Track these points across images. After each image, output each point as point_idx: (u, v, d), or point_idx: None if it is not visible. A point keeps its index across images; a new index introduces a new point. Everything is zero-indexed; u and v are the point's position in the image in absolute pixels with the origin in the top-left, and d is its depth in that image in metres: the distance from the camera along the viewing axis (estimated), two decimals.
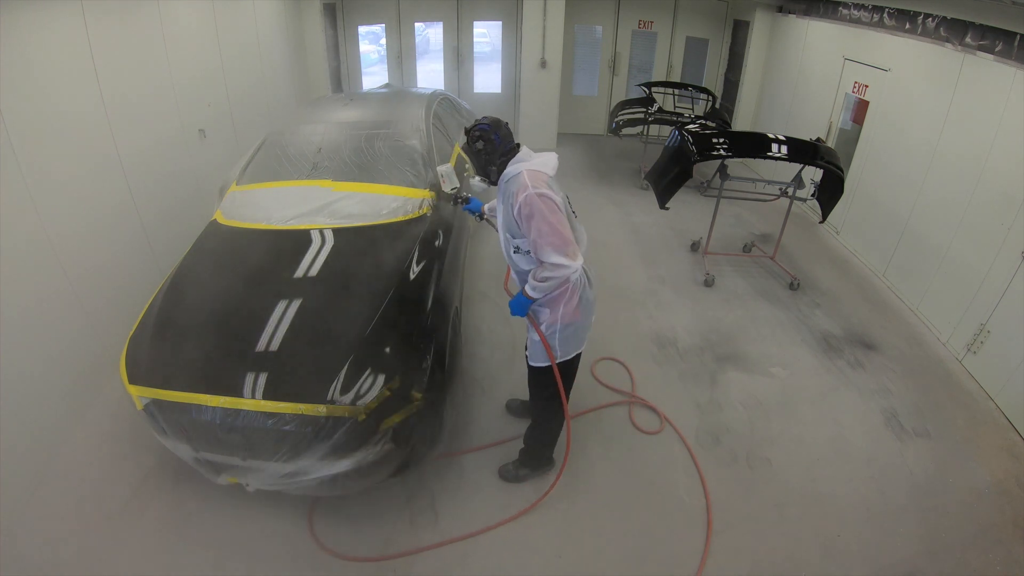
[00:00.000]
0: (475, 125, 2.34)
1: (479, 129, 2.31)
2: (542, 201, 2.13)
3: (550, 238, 2.12)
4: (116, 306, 3.20)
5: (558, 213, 2.16)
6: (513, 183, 2.23)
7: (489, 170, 2.34)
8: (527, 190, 2.14)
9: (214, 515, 2.58)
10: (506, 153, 2.31)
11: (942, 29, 4.18)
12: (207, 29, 4.55)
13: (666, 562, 2.47)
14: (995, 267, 3.51)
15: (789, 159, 4.14)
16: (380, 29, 8.25)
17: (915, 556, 2.50)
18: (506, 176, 2.29)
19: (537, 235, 2.14)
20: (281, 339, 2.42)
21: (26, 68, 2.71)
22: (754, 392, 3.45)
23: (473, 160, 2.36)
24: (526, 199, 2.13)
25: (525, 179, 2.18)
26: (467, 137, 2.34)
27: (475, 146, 2.31)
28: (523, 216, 2.16)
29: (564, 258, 2.13)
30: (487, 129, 2.30)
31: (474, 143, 2.31)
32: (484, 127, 2.30)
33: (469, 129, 2.34)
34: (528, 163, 2.26)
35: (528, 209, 2.13)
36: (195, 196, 4.13)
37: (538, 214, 2.12)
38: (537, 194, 2.13)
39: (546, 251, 2.14)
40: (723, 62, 8.04)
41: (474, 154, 2.33)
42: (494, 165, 2.32)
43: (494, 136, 2.29)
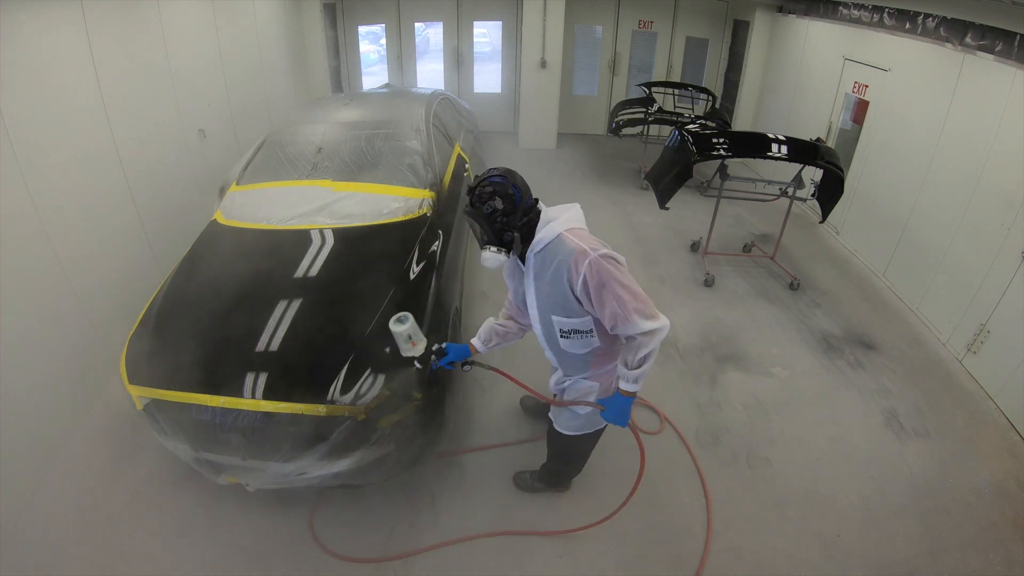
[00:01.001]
0: (484, 179, 1.80)
1: (491, 184, 1.78)
2: (609, 264, 1.73)
3: (634, 304, 1.72)
4: (116, 306, 3.20)
5: (627, 273, 1.78)
6: (557, 251, 1.76)
7: (508, 238, 1.80)
8: (588, 255, 1.71)
9: (214, 515, 2.58)
10: (528, 212, 1.82)
11: (942, 29, 4.18)
12: (207, 29, 4.55)
13: (666, 562, 2.47)
14: (995, 267, 3.51)
15: (789, 159, 4.14)
16: (380, 29, 8.26)
17: (915, 556, 2.50)
18: (539, 243, 1.80)
19: (618, 306, 1.71)
20: (281, 339, 2.42)
21: (26, 68, 2.71)
22: (754, 392, 3.45)
23: (483, 226, 1.79)
24: (591, 267, 1.70)
25: (576, 242, 1.74)
26: (472, 197, 1.80)
27: (487, 207, 1.77)
28: (592, 288, 1.73)
29: (653, 321, 1.74)
30: (503, 183, 1.77)
31: (484, 204, 1.77)
32: (498, 180, 1.78)
33: (475, 186, 1.80)
34: (560, 221, 1.81)
35: (597, 279, 1.71)
36: (195, 196, 4.13)
37: (611, 281, 1.71)
38: (601, 257, 1.71)
39: (634, 321, 1.72)
40: (723, 62, 8.04)
41: (485, 218, 1.78)
42: (514, 230, 1.80)
43: (512, 191, 1.78)
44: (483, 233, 1.82)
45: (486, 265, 1.85)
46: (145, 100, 3.69)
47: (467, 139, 4.83)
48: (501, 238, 1.81)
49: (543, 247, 1.81)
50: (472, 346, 2.26)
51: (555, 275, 1.79)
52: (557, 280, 1.79)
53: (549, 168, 7.16)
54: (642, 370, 1.82)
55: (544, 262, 1.81)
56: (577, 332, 1.90)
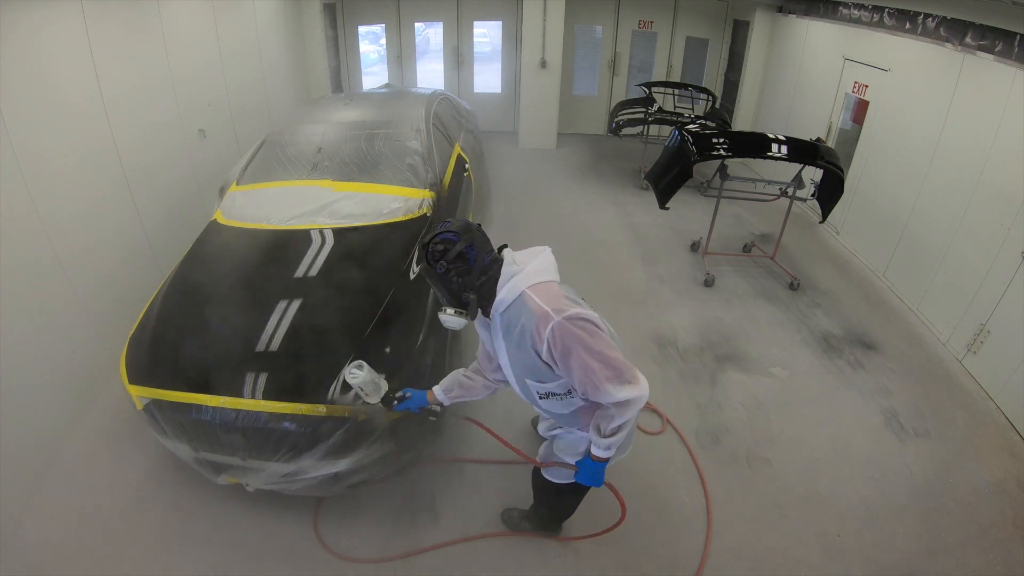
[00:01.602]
0: (434, 236, 1.66)
1: (442, 241, 1.65)
2: (576, 327, 1.56)
3: (605, 372, 1.57)
4: (116, 306, 3.20)
5: (600, 335, 1.60)
6: (519, 313, 1.62)
7: (466, 299, 1.67)
8: (550, 320, 1.56)
9: (214, 515, 2.58)
10: (487, 270, 1.67)
11: (942, 29, 4.18)
12: (207, 29, 4.55)
13: (666, 562, 2.47)
14: (995, 267, 3.51)
15: (789, 159, 4.14)
16: (380, 29, 8.26)
17: (915, 556, 2.50)
18: (501, 304, 1.66)
19: (585, 374, 1.57)
20: (281, 339, 2.42)
21: (26, 68, 2.71)
22: (754, 392, 3.44)
23: (440, 287, 1.69)
24: (554, 333, 1.56)
25: (538, 304, 1.58)
26: (424, 255, 1.67)
27: (438, 267, 1.65)
28: (557, 355, 1.59)
29: (629, 388, 1.58)
30: (454, 240, 1.64)
31: (436, 263, 1.65)
32: (448, 237, 1.65)
33: (426, 243, 1.67)
34: (523, 275, 1.63)
35: (562, 345, 1.57)
36: (195, 196, 4.13)
37: (577, 346, 1.56)
38: (566, 320, 1.56)
39: (605, 389, 1.58)
40: (723, 62, 8.04)
41: (439, 279, 1.67)
42: (472, 291, 1.66)
43: (467, 250, 1.64)
44: (442, 294, 1.71)
45: (447, 327, 1.74)
46: (145, 100, 3.69)
47: (467, 139, 4.83)
48: (459, 299, 1.69)
49: (505, 308, 1.66)
50: (431, 394, 2.10)
51: (520, 340, 1.64)
52: (523, 345, 1.65)
53: (549, 168, 7.16)
54: (615, 439, 1.70)
55: (510, 323, 1.66)
56: (554, 395, 1.76)
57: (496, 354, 1.82)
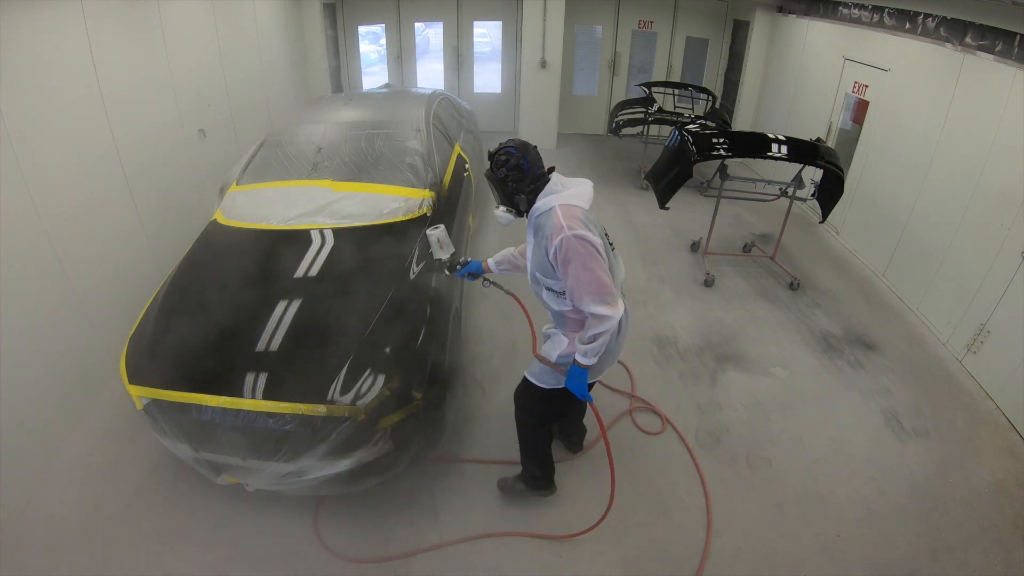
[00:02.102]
0: (500, 149, 2.09)
1: (504, 153, 2.06)
2: (580, 244, 1.93)
3: (589, 287, 1.93)
4: (116, 306, 3.20)
5: (597, 258, 1.96)
6: (546, 221, 2.02)
7: (517, 199, 2.09)
8: (562, 232, 1.94)
9: (214, 515, 2.58)
10: (536, 180, 2.07)
11: (942, 29, 4.18)
12: (207, 29, 4.55)
13: (666, 562, 2.47)
14: (995, 267, 3.51)
15: (789, 159, 4.14)
16: (380, 29, 8.26)
17: (915, 556, 2.50)
18: (537, 211, 2.07)
19: (575, 282, 1.95)
20: (281, 339, 2.42)
21: (26, 68, 2.71)
22: (754, 392, 3.45)
23: (497, 188, 2.10)
24: (562, 243, 1.93)
25: (559, 218, 1.97)
26: (491, 162, 2.10)
27: (499, 173, 2.06)
28: (559, 261, 1.97)
29: (605, 307, 1.94)
30: (514, 153, 2.05)
31: (498, 170, 2.06)
32: (510, 151, 2.06)
33: (493, 153, 2.10)
34: (561, 195, 2.04)
35: (564, 254, 1.94)
36: (195, 196, 4.13)
37: (575, 259, 1.93)
38: (574, 236, 1.93)
39: (585, 300, 1.95)
40: (723, 62, 8.04)
41: (498, 182, 2.08)
42: (522, 194, 2.07)
43: (523, 161, 2.04)
44: (498, 195, 2.14)
45: (499, 221, 2.18)
46: (145, 100, 3.69)
47: (467, 139, 4.83)
48: (512, 200, 2.10)
49: (539, 214, 2.07)
50: (485, 263, 2.54)
51: (539, 240, 2.06)
52: (540, 245, 2.05)
53: None
54: (592, 347, 2.02)
55: (538, 226, 2.08)
56: (552, 291, 2.13)
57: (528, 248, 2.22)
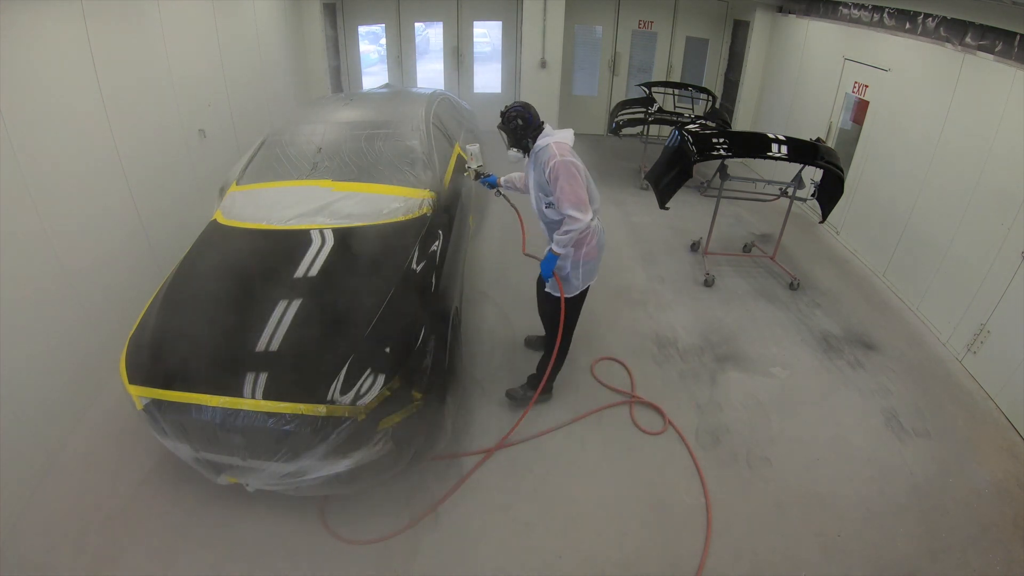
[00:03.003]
0: (511, 107, 2.82)
1: (515, 110, 2.80)
2: (566, 167, 2.63)
3: (570, 197, 2.63)
4: (116, 306, 3.20)
5: (578, 178, 2.65)
6: (544, 153, 2.71)
7: (524, 143, 2.81)
8: (556, 158, 2.64)
9: (214, 515, 2.58)
10: (536, 128, 2.80)
11: (942, 29, 4.18)
12: (207, 29, 4.55)
13: (666, 562, 2.47)
14: (995, 267, 3.51)
15: (789, 159, 4.14)
16: (380, 29, 8.26)
17: (915, 556, 2.50)
18: (537, 148, 2.77)
19: (560, 193, 2.65)
20: (281, 339, 2.42)
21: (26, 68, 2.71)
22: (754, 392, 3.45)
23: (509, 136, 2.82)
24: (555, 165, 2.63)
25: (554, 149, 2.67)
26: (504, 117, 2.81)
27: (512, 124, 2.78)
28: (552, 178, 2.66)
29: (577, 212, 2.63)
30: (522, 110, 2.79)
31: (511, 121, 2.79)
32: (520, 109, 2.80)
33: (505, 110, 2.82)
34: (553, 136, 2.74)
35: (555, 173, 2.64)
36: (195, 196, 4.13)
37: (563, 177, 2.63)
38: (563, 161, 2.63)
39: (565, 206, 2.64)
40: (723, 62, 8.04)
41: (511, 131, 2.80)
42: (528, 138, 2.79)
43: (528, 115, 2.78)
44: (509, 139, 2.84)
45: (511, 160, 2.90)
46: (145, 100, 3.68)
47: (467, 139, 4.83)
48: (520, 142, 2.82)
49: (539, 150, 2.77)
50: (499, 180, 3.25)
51: (538, 166, 2.75)
52: (539, 169, 2.75)
53: None
54: (563, 239, 2.72)
55: (537, 158, 2.78)
56: (549, 204, 2.80)
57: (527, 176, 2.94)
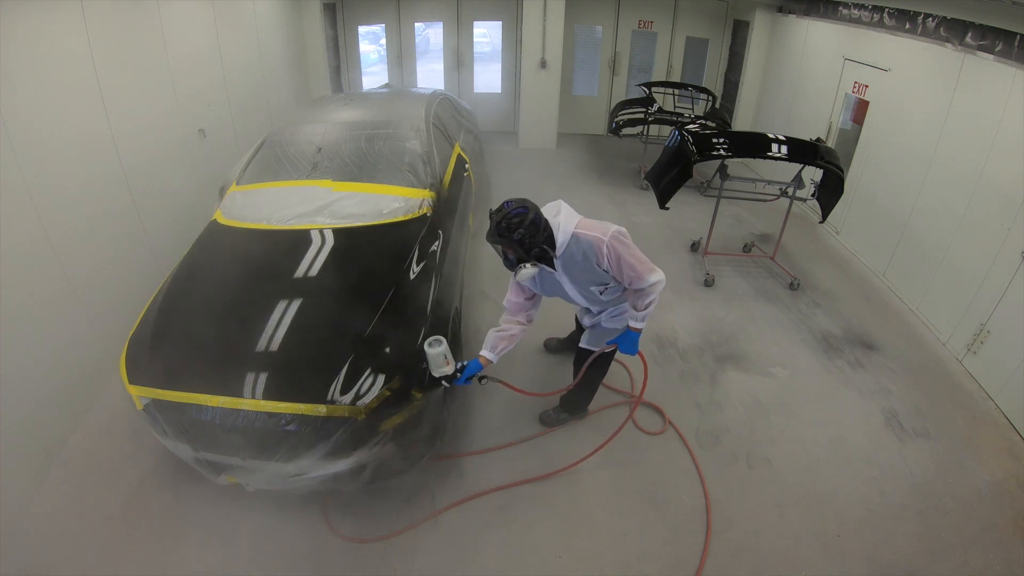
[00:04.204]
0: (508, 213, 2.17)
1: (516, 215, 2.17)
2: (619, 242, 2.30)
3: (642, 266, 2.33)
4: (116, 306, 3.20)
5: (630, 244, 2.34)
6: (577, 248, 2.30)
7: (533, 252, 2.24)
8: (603, 241, 2.26)
9: (214, 515, 2.58)
10: (545, 228, 2.25)
11: (942, 29, 4.18)
12: (207, 29, 4.55)
13: (666, 562, 2.47)
14: (995, 267, 3.51)
15: (789, 159, 4.14)
16: (380, 29, 8.26)
17: (915, 556, 2.50)
18: (561, 247, 2.30)
19: (631, 272, 2.32)
20: (281, 339, 2.42)
21: (26, 68, 2.71)
22: (754, 392, 3.45)
23: (515, 249, 2.21)
24: (609, 248, 2.27)
25: (589, 234, 2.28)
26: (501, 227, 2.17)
27: (517, 235, 2.17)
28: (612, 263, 2.31)
29: (656, 275, 2.35)
30: (524, 212, 2.18)
31: (514, 232, 2.16)
32: (521, 211, 2.18)
33: (501, 219, 2.17)
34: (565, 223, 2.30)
35: (614, 255, 2.29)
36: (195, 196, 4.13)
37: (624, 255, 2.30)
38: (611, 238, 2.27)
39: (644, 278, 2.33)
40: (723, 62, 8.04)
41: (516, 243, 2.19)
42: (540, 244, 2.24)
43: (534, 217, 2.20)
44: (515, 254, 2.25)
45: (522, 280, 2.33)
46: (145, 100, 3.68)
47: (467, 139, 4.83)
48: (531, 254, 2.25)
49: (569, 248, 2.31)
50: (483, 358, 2.50)
51: (585, 261, 2.33)
52: (588, 264, 2.34)
53: (549, 168, 7.16)
54: (646, 312, 2.44)
55: (571, 258, 2.34)
56: (608, 286, 2.49)
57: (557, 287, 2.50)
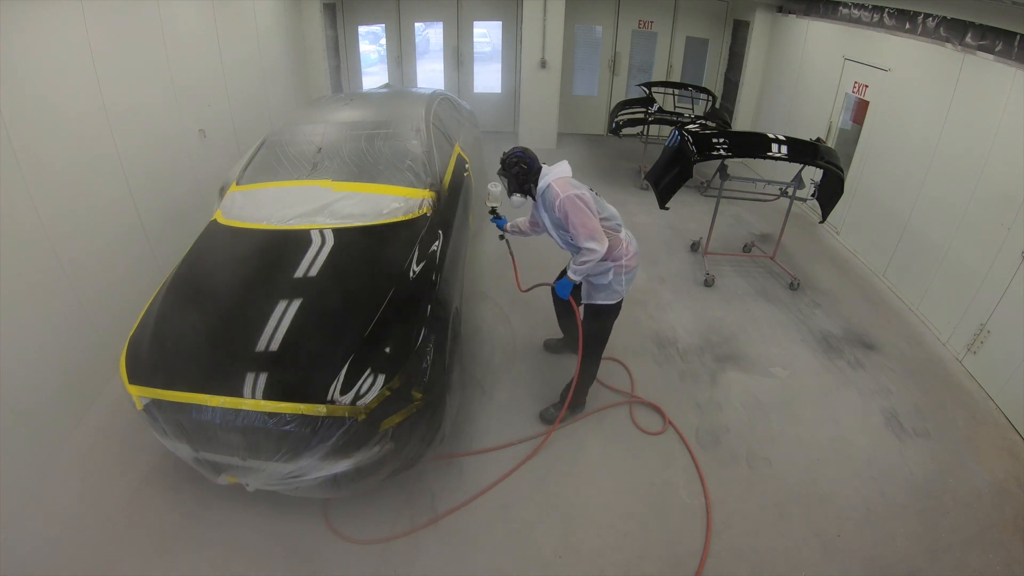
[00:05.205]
0: (511, 153, 2.85)
1: (516, 156, 2.84)
2: (571, 202, 2.68)
3: (583, 230, 2.69)
4: (116, 306, 3.20)
5: (585, 209, 2.69)
6: (548, 194, 2.77)
7: (526, 188, 2.86)
8: (559, 196, 2.69)
9: (214, 515, 2.58)
10: (537, 172, 2.84)
11: (942, 29, 4.18)
12: (207, 29, 4.55)
13: (666, 562, 2.47)
14: (995, 267, 3.51)
15: (789, 159, 4.14)
16: (380, 29, 8.26)
17: (915, 556, 2.51)
18: (540, 190, 2.82)
19: (573, 229, 2.71)
20: (281, 339, 2.42)
21: (26, 67, 2.71)
22: (754, 392, 3.45)
23: (511, 181, 2.86)
24: (560, 203, 2.69)
25: (556, 188, 2.73)
26: (504, 164, 2.85)
27: (515, 169, 2.82)
28: (562, 216, 2.71)
29: (594, 243, 2.69)
30: (523, 156, 2.84)
31: (513, 167, 2.83)
32: (520, 154, 2.84)
33: (506, 158, 2.86)
34: (551, 175, 2.79)
35: (563, 211, 2.69)
36: (195, 196, 4.13)
37: (571, 212, 2.68)
38: (567, 197, 2.68)
39: (581, 239, 2.69)
40: (723, 62, 8.04)
41: (513, 176, 2.84)
42: (530, 183, 2.84)
43: (529, 161, 2.83)
44: (512, 185, 2.87)
45: (515, 205, 2.94)
46: (145, 100, 3.68)
47: (467, 139, 4.83)
48: (523, 187, 2.86)
49: (542, 192, 2.82)
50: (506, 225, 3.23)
51: (548, 208, 2.80)
52: (550, 210, 2.79)
53: None
54: (580, 268, 2.77)
55: (544, 200, 2.82)
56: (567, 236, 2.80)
57: (540, 218, 2.96)
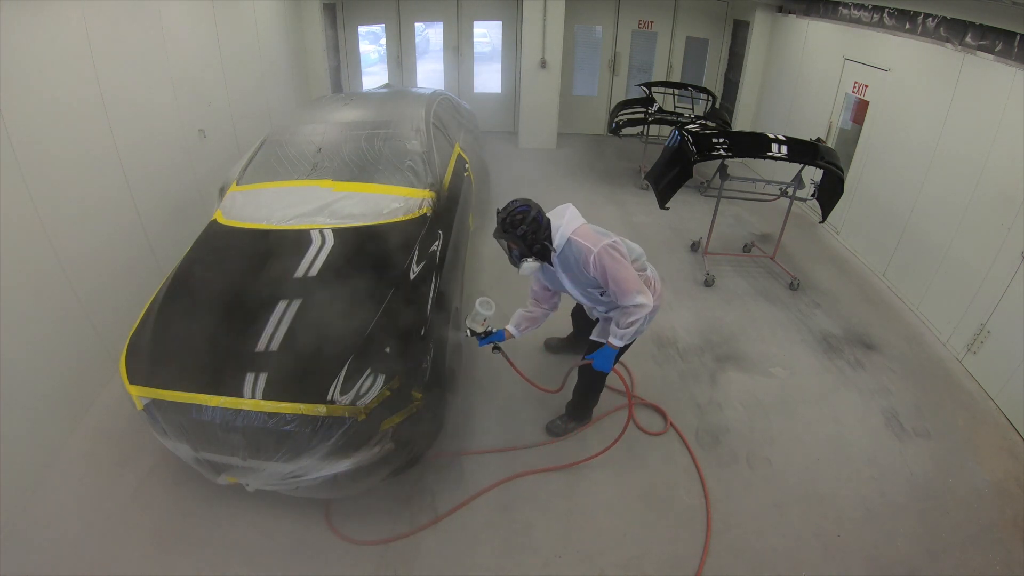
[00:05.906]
0: (513, 211, 2.37)
1: (519, 212, 2.36)
2: (608, 255, 2.35)
3: (629, 285, 2.38)
4: (116, 306, 3.20)
5: (624, 260, 2.40)
6: (573, 250, 2.39)
7: (536, 248, 2.40)
8: (592, 251, 2.35)
9: (214, 515, 2.58)
10: (547, 227, 2.40)
11: (942, 29, 4.18)
12: (207, 29, 4.55)
13: (666, 562, 2.47)
14: (995, 267, 3.51)
15: (789, 159, 4.14)
16: (380, 29, 8.26)
17: (915, 556, 2.51)
18: (558, 248, 2.42)
19: (617, 286, 2.37)
20: (281, 339, 2.42)
21: (26, 67, 2.71)
22: (754, 392, 3.44)
23: (519, 244, 2.38)
24: (596, 259, 2.35)
25: (583, 242, 2.37)
26: (505, 225, 2.36)
27: (520, 230, 2.35)
28: (599, 275, 2.38)
29: (644, 297, 2.38)
30: (526, 210, 2.37)
31: (518, 228, 2.34)
32: (524, 209, 2.37)
33: (506, 216, 2.37)
34: (565, 227, 2.40)
35: (601, 266, 2.35)
36: (195, 196, 4.13)
37: (611, 267, 2.35)
38: (602, 250, 2.34)
39: (628, 297, 2.37)
40: (723, 62, 8.04)
41: (520, 239, 2.36)
42: (542, 242, 2.39)
43: (537, 216, 2.38)
44: (519, 249, 2.40)
45: (525, 274, 2.48)
46: (145, 100, 3.68)
47: (467, 139, 4.83)
48: (533, 249, 2.40)
49: (562, 251, 2.43)
50: (507, 332, 2.75)
51: (577, 267, 2.44)
52: (580, 270, 2.44)
53: (549, 168, 7.16)
54: (627, 331, 2.47)
55: (566, 259, 2.45)
56: (606, 292, 2.50)
57: (560, 283, 2.60)
